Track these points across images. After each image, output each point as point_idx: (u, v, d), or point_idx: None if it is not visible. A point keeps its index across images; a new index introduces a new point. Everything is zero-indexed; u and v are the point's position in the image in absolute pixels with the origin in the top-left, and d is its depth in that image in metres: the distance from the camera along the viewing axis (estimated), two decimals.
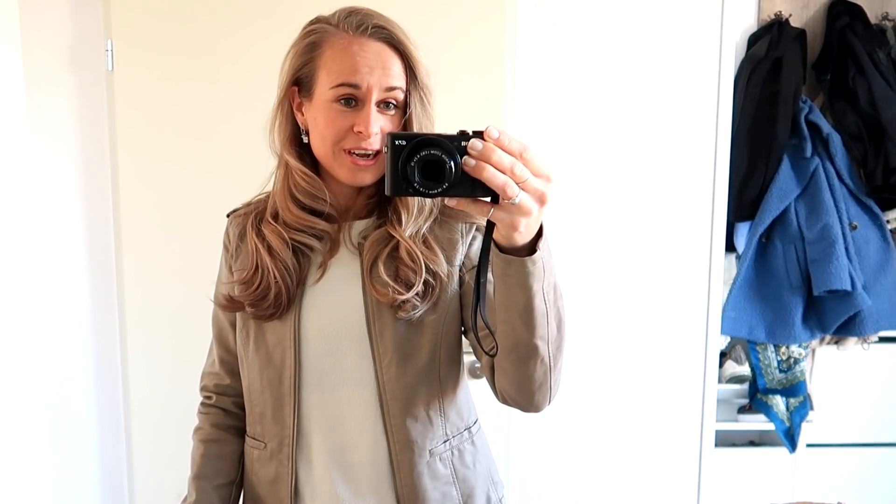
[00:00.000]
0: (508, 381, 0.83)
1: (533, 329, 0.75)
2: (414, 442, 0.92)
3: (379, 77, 0.86)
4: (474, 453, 0.99)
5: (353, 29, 0.87)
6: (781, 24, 1.97)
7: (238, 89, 1.66)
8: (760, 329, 1.95)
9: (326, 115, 0.87)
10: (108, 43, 1.67)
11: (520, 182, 0.63)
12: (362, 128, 0.86)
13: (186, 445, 1.77)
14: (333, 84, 0.86)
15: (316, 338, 0.92)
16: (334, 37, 0.88)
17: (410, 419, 0.91)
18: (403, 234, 0.90)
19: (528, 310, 0.74)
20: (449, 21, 1.63)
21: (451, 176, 0.63)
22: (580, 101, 1.80)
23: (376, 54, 0.86)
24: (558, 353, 0.80)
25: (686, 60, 1.80)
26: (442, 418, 0.94)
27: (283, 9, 1.63)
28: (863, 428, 2.06)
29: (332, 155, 0.88)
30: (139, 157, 1.70)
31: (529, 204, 0.64)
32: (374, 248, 0.91)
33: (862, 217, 1.93)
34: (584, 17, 1.78)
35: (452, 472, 0.95)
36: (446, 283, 0.91)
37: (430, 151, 0.63)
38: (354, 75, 0.85)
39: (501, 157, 0.62)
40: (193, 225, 1.69)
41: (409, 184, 0.64)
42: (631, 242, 1.83)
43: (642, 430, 1.89)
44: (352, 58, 0.86)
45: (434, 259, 0.90)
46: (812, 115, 1.95)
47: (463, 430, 0.98)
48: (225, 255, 1.02)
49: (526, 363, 0.79)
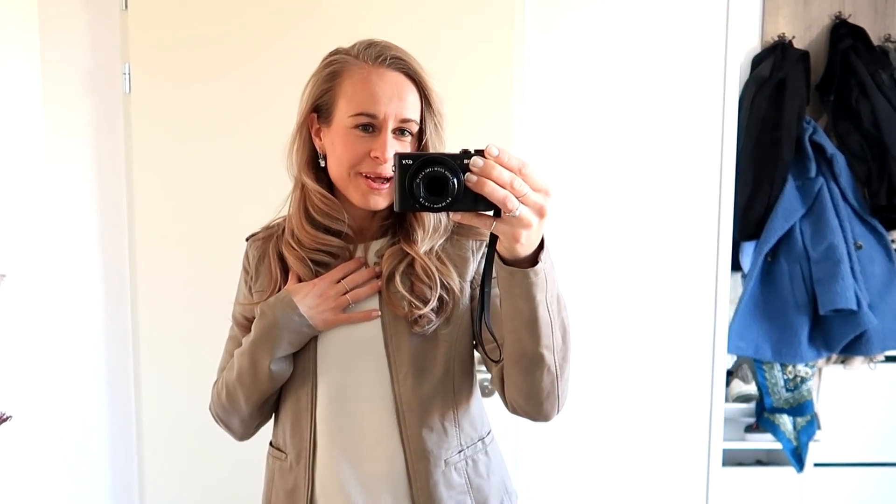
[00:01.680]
0: (517, 391, 0.86)
1: (538, 338, 0.79)
2: (430, 452, 0.95)
3: (396, 107, 0.90)
4: (488, 463, 1.01)
5: (372, 60, 0.92)
6: (785, 45, 1.99)
7: (252, 113, 1.69)
8: (767, 348, 1.95)
9: (345, 141, 0.92)
10: (126, 66, 1.72)
11: (519, 196, 0.67)
12: (379, 153, 0.90)
13: (198, 459, 1.80)
14: (353, 112, 0.91)
15: (334, 354, 0.96)
16: (354, 67, 0.92)
17: (426, 430, 0.95)
18: (419, 252, 0.94)
19: (532, 319, 0.77)
20: (457, 38, 1.67)
21: (455, 191, 0.68)
22: (586, 121, 1.83)
23: (394, 84, 0.91)
24: (564, 363, 0.83)
25: (691, 81, 1.83)
26: (456, 429, 0.97)
27: (300, 36, 1.67)
28: (871, 447, 2.05)
29: (347, 178, 0.93)
30: (154, 178, 1.73)
31: (529, 216, 0.68)
32: (390, 262, 0.95)
33: (867, 236, 1.94)
34: (591, 37, 1.81)
35: (467, 482, 0.98)
36: (459, 297, 0.95)
37: (435, 169, 0.68)
38: (373, 105, 0.90)
39: (501, 172, 0.66)
40: (207, 245, 1.72)
41: (415, 199, 0.69)
42: (638, 261, 1.85)
43: (650, 448, 1.89)
44: (371, 87, 0.90)
45: (448, 274, 0.94)
46: (816, 136, 1.97)
47: (477, 441, 1.01)
48: (244, 277, 1.06)
49: (533, 372, 0.82)
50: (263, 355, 0.95)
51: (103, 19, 1.74)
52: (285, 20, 1.68)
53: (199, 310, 1.70)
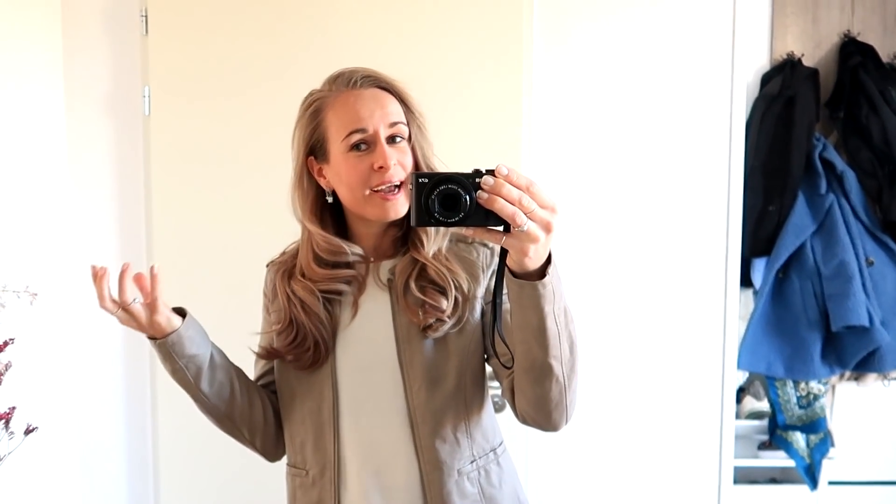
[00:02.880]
0: (527, 402, 0.89)
1: (547, 349, 0.82)
2: (443, 462, 0.98)
3: (380, 116, 0.96)
4: (500, 474, 1.04)
5: (345, 85, 0.98)
6: (794, 63, 2.01)
7: (270, 135, 1.72)
8: (779, 365, 1.95)
9: (346, 165, 0.96)
10: (146, 89, 1.77)
11: (527, 212, 0.71)
12: (382, 162, 0.94)
13: (213, 472, 1.82)
14: (345, 135, 0.95)
15: (352, 372, 1.00)
16: (331, 98, 0.98)
17: (439, 441, 0.98)
18: (427, 256, 0.98)
19: (541, 330, 0.80)
20: (466, 54, 1.69)
21: (467, 207, 0.72)
22: (594, 136, 1.85)
23: (373, 99, 0.97)
24: (572, 374, 0.87)
25: (699, 98, 1.85)
26: (469, 440, 1.00)
27: (316, 57, 1.70)
28: (885, 465, 2.03)
29: (362, 199, 0.96)
30: (173, 199, 1.77)
31: (537, 232, 0.72)
32: (403, 274, 0.99)
33: (878, 253, 1.94)
34: (599, 53, 1.84)
35: (480, 491, 1.01)
36: (469, 299, 0.99)
37: (449, 186, 0.73)
38: (360, 122, 0.95)
39: (510, 190, 0.71)
40: (225, 264, 1.75)
41: (430, 215, 0.73)
42: (647, 277, 1.86)
43: (660, 464, 1.89)
44: (352, 108, 0.96)
45: (458, 274, 0.99)
46: (826, 153, 1.97)
47: (489, 452, 1.03)
48: (265, 302, 1.11)
49: (542, 383, 0.85)
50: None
51: (124, 43, 1.79)
52: (300, 42, 1.72)
53: (216, 327, 1.71)
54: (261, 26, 1.73)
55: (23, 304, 1.43)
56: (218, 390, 1.02)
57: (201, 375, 1.00)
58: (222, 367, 1.03)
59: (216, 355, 1.03)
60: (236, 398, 1.03)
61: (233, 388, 1.03)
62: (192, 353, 0.98)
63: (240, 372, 1.07)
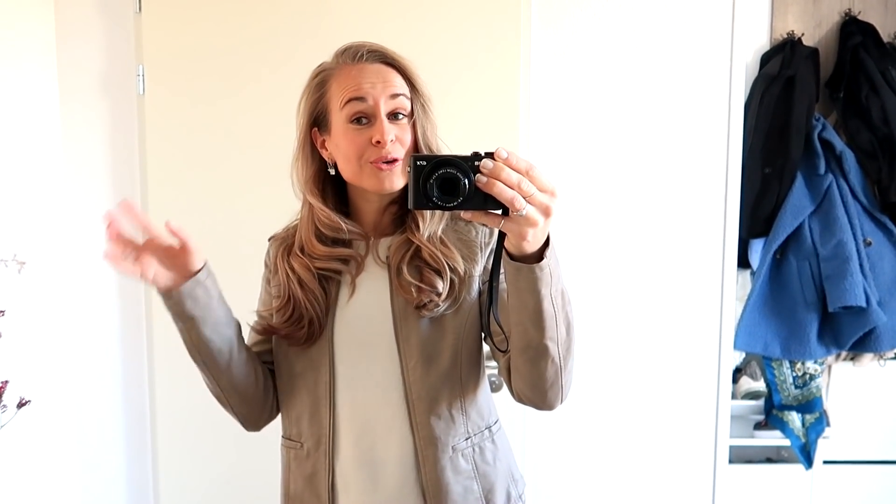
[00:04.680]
0: (523, 381, 0.90)
1: (543, 330, 0.83)
2: (438, 438, 0.99)
3: (382, 88, 0.95)
4: (495, 451, 1.05)
5: (351, 59, 0.98)
6: (794, 42, 1.99)
7: (267, 113, 1.72)
8: (775, 345, 1.96)
9: (346, 137, 0.96)
10: (140, 68, 1.75)
11: (526, 196, 0.71)
12: (379, 137, 0.94)
13: (211, 446, 1.83)
14: (343, 104, 0.95)
15: (349, 347, 1.01)
16: (336, 70, 0.98)
17: (434, 417, 0.99)
18: (422, 239, 0.98)
19: (538, 312, 0.81)
20: (463, 40, 1.68)
21: (466, 191, 0.72)
22: (592, 120, 1.84)
23: (375, 72, 0.97)
24: (568, 355, 0.87)
25: (697, 79, 1.83)
26: (463, 416, 1.01)
27: (311, 36, 1.69)
28: (880, 445, 2.05)
29: (359, 170, 0.97)
30: (168, 178, 1.76)
31: (536, 216, 0.72)
32: (398, 254, 0.99)
33: (876, 233, 1.94)
34: (597, 37, 1.82)
35: (474, 468, 1.02)
36: (466, 280, 0.99)
37: (447, 170, 0.72)
38: (359, 90, 0.95)
39: (510, 174, 0.70)
40: (220, 244, 1.74)
41: (428, 198, 0.73)
42: (644, 258, 1.86)
43: (656, 443, 1.90)
44: (354, 79, 0.96)
45: (452, 256, 0.99)
46: (825, 133, 1.96)
47: (484, 429, 1.04)
48: (266, 273, 1.10)
49: (538, 363, 0.86)
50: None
51: (118, 22, 1.77)
52: (295, 22, 1.70)
53: None
54: (255, 3, 1.71)
55: (11, 274, 1.42)
56: (228, 347, 0.98)
57: (219, 325, 0.97)
58: (232, 322, 1.01)
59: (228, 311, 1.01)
60: (236, 357, 1.00)
61: (237, 347, 1.00)
62: (216, 294, 0.96)
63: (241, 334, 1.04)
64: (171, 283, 0.92)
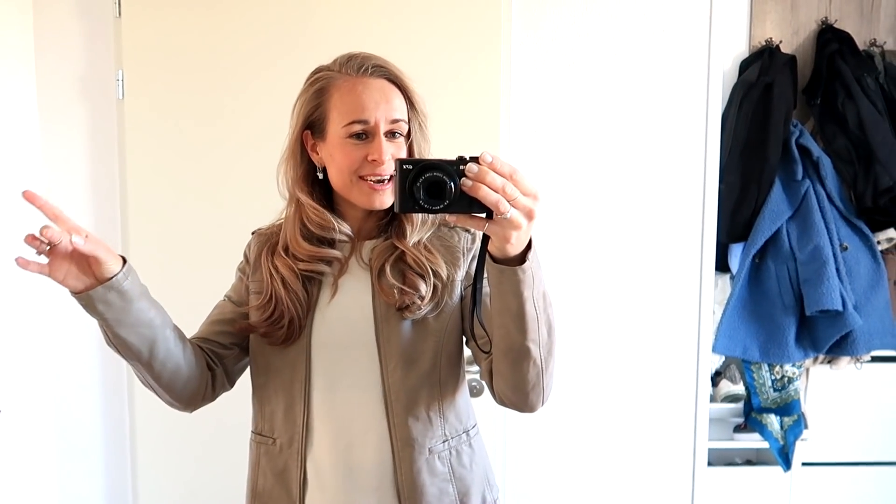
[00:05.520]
0: (505, 383, 0.91)
1: (525, 332, 0.84)
2: (415, 440, 0.99)
3: (384, 110, 0.97)
4: (471, 455, 1.06)
5: (356, 71, 0.98)
6: (772, 50, 2.02)
7: (245, 118, 1.72)
8: (754, 348, 1.98)
9: (342, 151, 0.97)
10: (119, 73, 1.74)
11: (510, 200, 0.72)
12: (376, 156, 0.96)
13: (191, 451, 1.82)
14: (346, 123, 0.96)
15: (328, 348, 1.01)
16: (339, 80, 0.98)
17: (412, 419, 0.99)
18: (408, 245, 1.00)
19: (520, 314, 0.82)
20: (444, 43, 1.69)
21: (451, 195, 0.73)
22: (572, 125, 1.85)
23: (379, 91, 0.97)
24: (549, 357, 0.88)
25: (676, 85, 1.85)
26: (441, 419, 1.02)
27: (292, 42, 1.69)
28: (857, 447, 2.08)
29: (350, 184, 0.98)
30: (148, 183, 1.75)
31: (519, 218, 0.73)
32: (381, 257, 1.00)
33: (852, 238, 1.97)
34: (577, 43, 1.84)
35: (450, 471, 1.03)
36: (448, 285, 1.00)
37: (433, 174, 0.74)
38: (363, 112, 0.96)
39: (494, 178, 0.72)
40: (200, 249, 1.74)
41: (415, 202, 0.74)
42: (623, 262, 1.88)
43: (636, 447, 1.91)
44: (359, 96, 0.96)
45: (436, 262, 1.00)
46: (802, 139, 1.99)
47: (461, 433, 1.05)
48: (243, 264, 1.10)
49: (520, 365, 0.87)
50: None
51: (97, 26, 1.76)
52: (276, 27, 1.70)
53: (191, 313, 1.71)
54: (236, 7, 1.71)
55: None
56: (148, 347, 0.94)
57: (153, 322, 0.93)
58: (155, 324, 0.95)
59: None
60: (161, 356, 0.95)
61: (160, 346, 0.95)
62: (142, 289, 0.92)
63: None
64: (82, 286, 0.88)
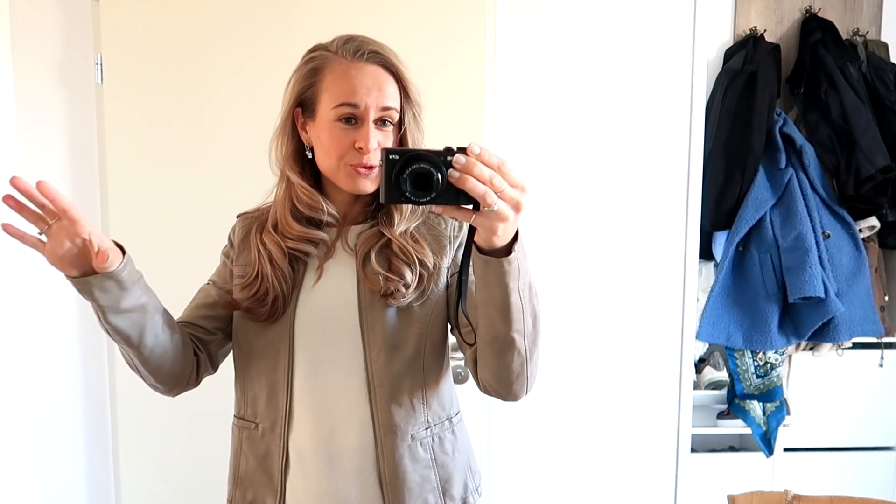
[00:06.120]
0: (489, 372, 0.91)
1: (510, 323, 0.83)
2: (397, 426, 0.99)
3: (375, 97, 0.95)
4: (454, 442, 1.06)
5: (351, 54, 0.96)
6: (756, 39, 2.03)
7: (227, 102, 1.69)
8: (738, 336, 1.99)
9: (330, 134, 0.96)
10: (98, 57, 1.71)
11: (498, 192, 0.71)
12: (362, 144, 0.95)
13: (173, 446, 1.80)
14: (335, 105, 0.95)
15: (311, 332, 1.00)
16: (334, 62, 0.97)
17: (395, 405, 0.99)
18: (394, 233, 0.99)
19: (505, 306, 0.82)
20: (429, 38, 1.68)
21: (439, 186, 0.72)
22: (556, 115, 1.84)
23: (373, 77, 0.96)
24: (534, 347, 0.88)
25: (660, 74, 1.85)
26: (424, 406, 1.02)
27: (273, 26, 1.67)
28: (838, 432, 2.10)
29: (336, 168, 0.97)
30: (128, 169, 1.73)
31: (507, 211, 0.72)
32: (366, 244, 1.00)
33: (835, 226, 1.98)
34: (561, 33, 1.83)
35: (432, 457, 1.03)
36: (434, 274, 1.00)
37: (420, 165, 0.72)
38: (353, 96, 0.95)
39: (482, 170, 0.71)
40: (181, 234, 1.72)
41: (401, 193, 0.73)
42: (607, 252, 1.88)
43: (620, 433, 1.92)
44: (351, 80, 0.95)
45: (422, 251, 0.99)
46: (786, 128, 2.00)
47: (444, 420, 1.05)
48: (227, 248, 1.09)
49: (504, 355, 0.87)
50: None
51: (75, 10, 1.72)
52: (258, 11, 1.68)
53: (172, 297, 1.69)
54: None
55: None
56: (137, 332, 0.93)
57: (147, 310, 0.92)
58: (147, 311, 0.94)
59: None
60: (149, 342, 0.95)
61: (149, 332, 0.95)
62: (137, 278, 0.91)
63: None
64: (78, 272, 0.87)
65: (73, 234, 0.83)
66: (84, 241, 0.84)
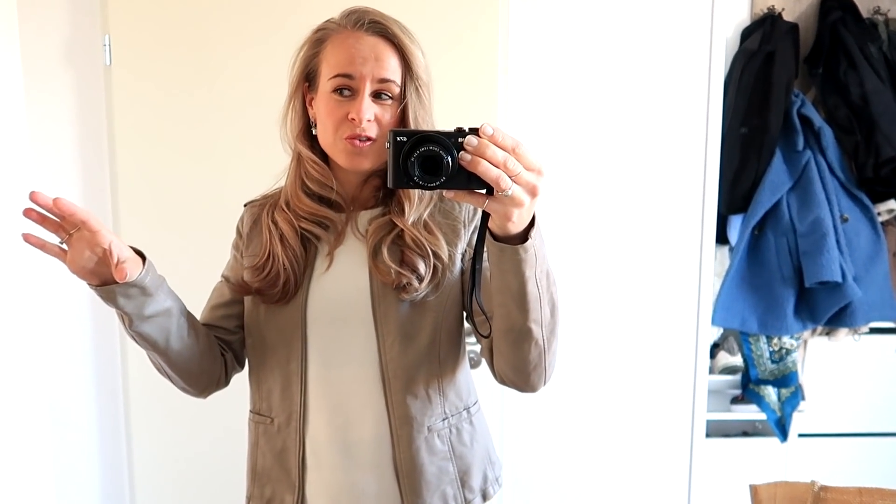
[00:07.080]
0: (506, 363, 0.88)
1: (527, 313, 0.80)
2: (413, 418, 0.97)
3: (372, 68, 0.91)
4: (472, 433, 1.03)
5: (352, 25, 0.93)
6: (774, 18, 1.98)
7: (235, 84, 1.67)
8: (753, 320, 1.97)
9: (326, 105, 0.93)
10: (106, 38, 1.69)
11: (512, 175, 0.67)
12: (354, 115, 0.90)
13: (186, 442, 1.80)
14: (330, 75, 0.92)
15: (323, 321, 0.97)
16: (335, 33, 0.94)
17: (410, 396, 0.96)
18: (406, 223, 0.95)
19: (521, 294, 0.78)
20: (444, 25, 1.65)
21: (449, 170, 0.68)
22: (572, 97, 1.81)
23: (370, 47, 0.92)
24: (552, 337, 0.85)
25: (677, 55, 1.82)
26: (441, 397, 0.99)
27: (283, 8, 1.64)
28: (853, 418, 2.08)
29: (333, 142, 0.94)
30: (137, 151, 1.71)
31: (522, 196, 0.68)
32: (377, 234, 0.96)
33: (853, 209, 1.95)
34: (577, 11, 1.80)
35: (450, 449, 1.00)
36: (448, 265, 0.96)
37: (429, 147, 0.68)
38: (348, 66, 0.91)
39: (495, 152, 0.66)
40: (192, 219, 1.71)
41: (409, 177, 0.69)
42: (623, 236, 1.85)
43: (634, 419, 1.91)
44: (347, 50, 0.92)
45: (436, 243, 0.96)
46: (804, 109, 1.96)
47: (462, 410, 1.02)
48: (237, 240, 1.07)
49: (521, 345, 0.84)
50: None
51: None
52: None
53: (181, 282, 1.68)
54: None
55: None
56: (164, 336, 0.93)
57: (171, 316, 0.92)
58: (173, 314, 0.94)
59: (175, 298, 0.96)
60: (175, 345, 0.94)
61: (175, 335, 0.94)
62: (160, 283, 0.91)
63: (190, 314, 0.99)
64: (98, 280, 0.86)
65: (94, 244, 0.83)
66: (104, 250, 0.83)
